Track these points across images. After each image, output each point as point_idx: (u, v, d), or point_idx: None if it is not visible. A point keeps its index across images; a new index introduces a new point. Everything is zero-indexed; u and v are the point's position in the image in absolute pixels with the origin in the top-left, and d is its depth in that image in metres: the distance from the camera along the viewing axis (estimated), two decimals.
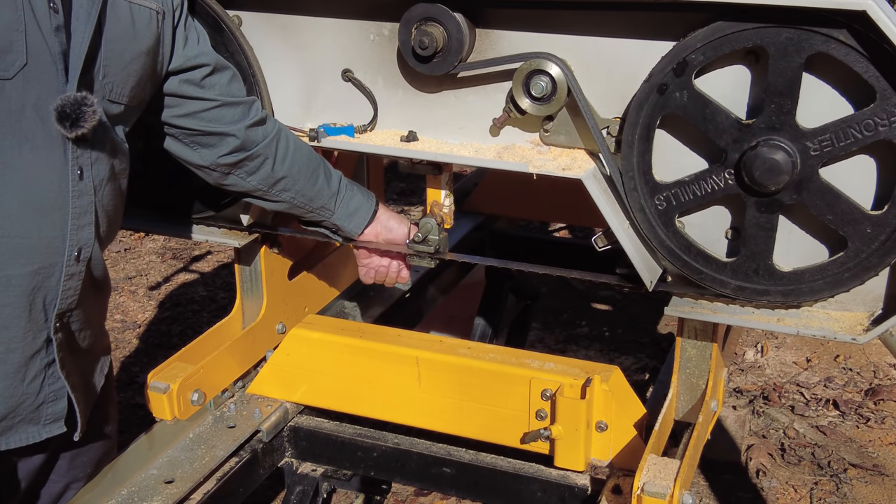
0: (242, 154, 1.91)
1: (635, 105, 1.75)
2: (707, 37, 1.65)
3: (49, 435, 1.78)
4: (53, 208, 1.63)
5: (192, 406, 2.10)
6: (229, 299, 4.70)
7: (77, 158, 1.64)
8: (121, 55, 1.68)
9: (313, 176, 2.00)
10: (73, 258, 1.68)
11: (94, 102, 1.59)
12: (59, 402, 1.77)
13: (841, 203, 1.67)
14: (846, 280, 1.73)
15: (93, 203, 1.69)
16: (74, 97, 1.57)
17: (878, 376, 3.99)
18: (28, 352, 1.68)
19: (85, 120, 1.58)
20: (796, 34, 1.58)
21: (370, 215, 2.10)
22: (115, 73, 1.68)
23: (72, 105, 1.57)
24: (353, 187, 2.09)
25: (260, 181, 1.96)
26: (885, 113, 1.58)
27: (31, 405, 1.73)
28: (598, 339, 4.45)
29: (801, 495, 3.28)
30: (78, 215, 1.67)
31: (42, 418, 1.76)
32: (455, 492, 2.18)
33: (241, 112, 1.89)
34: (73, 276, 1.69)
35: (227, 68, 1.89)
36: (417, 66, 1.88)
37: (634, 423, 1.97)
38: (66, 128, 1.57)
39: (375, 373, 2.16)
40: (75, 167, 1.64)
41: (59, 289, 1.68)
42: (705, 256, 1.82)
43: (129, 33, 1.69)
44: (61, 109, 1.56)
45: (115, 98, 1.70)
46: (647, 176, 1.80)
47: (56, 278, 1.67)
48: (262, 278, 2.28)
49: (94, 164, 1.68)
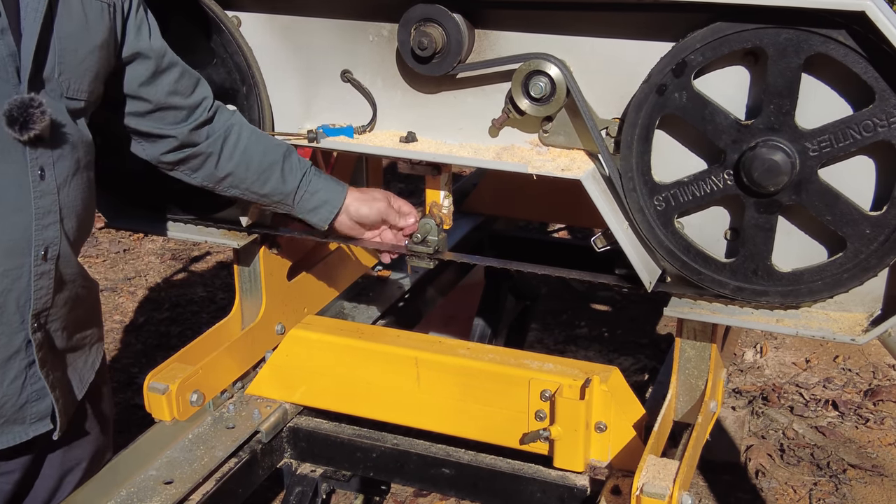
0: (183, 153, 1.91)
1: (634, 105, 1.75)
2: (706, 37, 1.65)
3: (35, 433, 1.79)
4: (15, 210, 1.63)
5: (192, 407, 2.10)
6: (228, 300, 4.70)
7: (36, 159, 1.63)
8: (75, 51, 1.67)
9: (266, 173, 1.98)
10: (39, 257, 1.68)
11: (41, 103, 1.58)
12: (43, 400, 1.77)
13: (840, 204, 1.67)
14: (845, 281, 1.73)
15: (56, 202, 1.68)
16: (21, 100, 1.56)
17: (878, 377, 3.99)
18: (4, 354, 1.69)
19: (34, 122, 1.57)
20: (795, 35, 1.58)
21: (336, 209, 2.05)
22: (70, 69, 1.67)
23: (18, 108, 1.56)
24: (320, 181, 2.05)
25: (204, 178, 1.96)
26: (883, 114, 1.58)
27: (14, 405, 1.74)
28: (598, 339, 4.45)
29: (801, 496, 3.28)
30: (41, 215, 1.66)
31: (27, 418, 1.76)
32: (454, 492, 2.18)
33: (183, 115, 1.88)
34: (42, 275, 1.69)
35: (174, 66, 1.87)
36: (416, 66, 1.88)
37: (634, 423, 1.97)
38: (16, 131, 1.57)
39: (374, 373, 2.16)
40: (35, 167, 1.63)
41: (31, 289, 1.68)
42: (704, 257, 1.82)
43: (82, 28, 1.67)
44: (9, 113, 1.55)
45: (73, 95, 1.68)
46: (646, 176, 1.80)
47: (26, 280, 1.67)
48: (262, 279, 2.28)
49: (57, 162, 1.67)
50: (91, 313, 1.94)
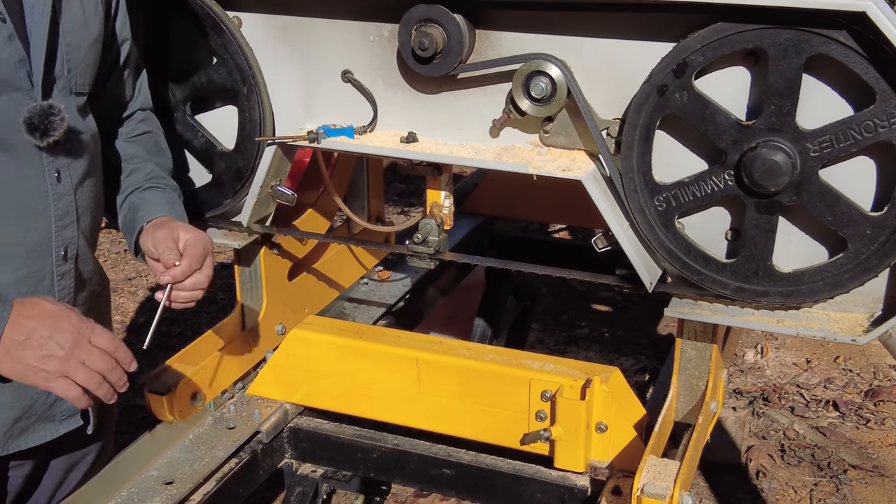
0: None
1: (635, 106, 1.75)
2: (707, 38, 1.65)
3: (66, 430, 1.82)
4: (35, 214, 1.65)
5: (192, 407, 2.10)
6: (229, 300, 4.70)
7: (53, 162, 1.65)
8: (79, 47, 1.69)
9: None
10: (60, 258, 1.71)
11: (60, 110, 1.59)
12: None
13: (840, 204, 1.67)
14: (846, 281, 1.73)
15: (73, 202, 1.71)
16: (41, 108, 1.58)
17: (878, 377, 3.99)
18: None
19: (54, 129, 1.59)
20: (796, 35, 1.58)
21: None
22: (76, 64, 1.69)
23: (39, 116, 1.57)
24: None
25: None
26: (884, 114, 1.58)
27: (45, 404, 1.76)
28: (598, 340, 4.45)
29: (801, 496, 3.28)
30: (60, 217, 1.69)
31: (57, 415, 1.79)
32: (455, 493, 2.18)
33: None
34: (64, 275, 1.72)
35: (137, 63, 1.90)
36: (417, 67, 1.88)
37: (634, 424, 1.97)
38: (37, 138, 1.58)
39: (375, 374, 2.16)
40: (52, 170, 1.66)
41: (55, 290, 1.71)
42: (705, 257, 1.82)
43: (82, 23, 1.69)
44: (29, 121, 1.57)
45: (79, 89, 1.71)
46: (646, 177, 1.80)
47: (48, 281, 1.70)
48: (262, 279, 2.28)
49: (71, 164, 1.69)
50: (106, 308, 1.98)
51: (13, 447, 1.75)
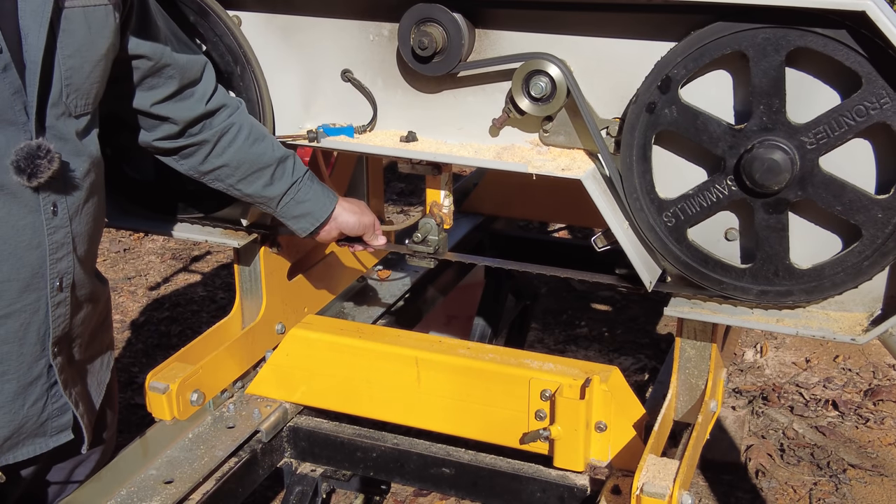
0: (177, 143, 1.90)
1: (628, 128, 1.75)
2: (685, 50, 1.66)
3: (56, 444, 1.80)
4: (29, 249, 1.61)
5: (192, 406, 2.10)
6: (228, 299, 4.70)
7: (48, 197, 1.61)
8: (80, 68, 1.61)
9: (254, 175, 1.97)
10: (55, 288, 1.67)
11: (49, 150, 1.54)
12: (64, 415, 1.79)
13: (847, 192, 1.66)
14: (867, 268, 1.71)
15: (69, 233, 1.67)
16: (28, 150, 1.52)
17: (878, 377, 3.99)
18: (24, 380, 1.69)
19: (41, 171, 1.54)
20: (774, 33, 1.58)
21: (318, 223, 2.06)
22: (78, 86, 1.62)
23: (25, 160, 1.52)
24: (310, 192, 2.04)
25: (190, 167, 1.95)
26: (873, 96, 1.57)
27: (35, 423, 1.75)
28: (598, 339, 4.45)
29: (801, 496, 3.28)
30: (55, 249, 1.65)
31: (48, 431, 1.78)
32: (454, 492, 2.18)
33: (190, 105, 1.87)
34: (59, 304, 1.69)
35: (169, 65, 1.81)
36: (417, 66, 1.88)
37: (634, 423, 1.97)
38: (25, 179, 1.54)
39: (375, 373, 2.16)
40: (47, 205, 1.61)
41: (50, 319, 1.68)
42: (723, 266, 1.81)
43: (87, 42, 1.61)
44: (16, 164, 1.52)
45: (80, 111, 1.64)
46: (651, 195, 1.79)
47: (43, 311, 1.67)
48: (262, 279, 2.28)
49: (68, 196, 1.65)
50: (104, 316, 1.95)
51: (1, 461, 1.73)
